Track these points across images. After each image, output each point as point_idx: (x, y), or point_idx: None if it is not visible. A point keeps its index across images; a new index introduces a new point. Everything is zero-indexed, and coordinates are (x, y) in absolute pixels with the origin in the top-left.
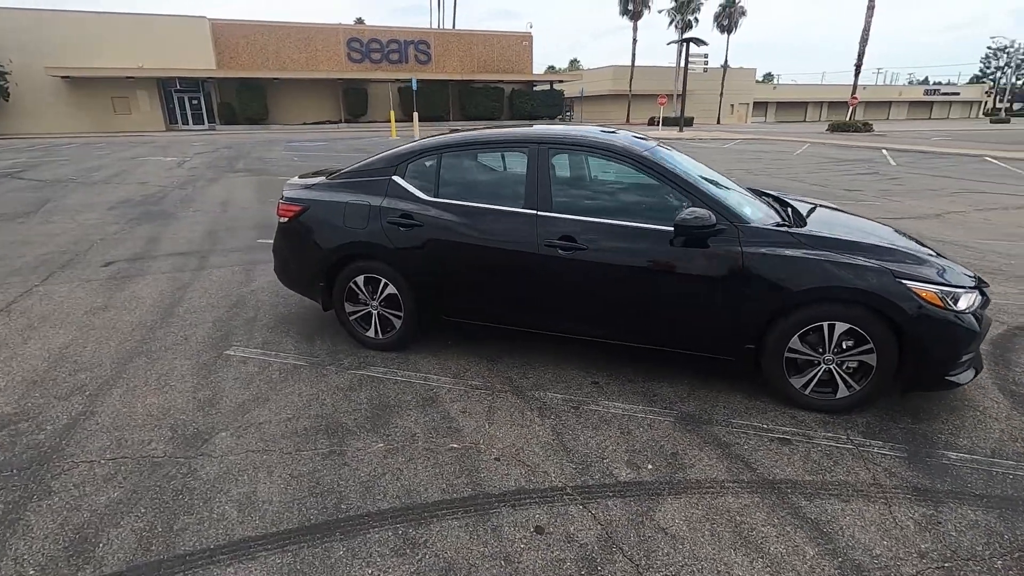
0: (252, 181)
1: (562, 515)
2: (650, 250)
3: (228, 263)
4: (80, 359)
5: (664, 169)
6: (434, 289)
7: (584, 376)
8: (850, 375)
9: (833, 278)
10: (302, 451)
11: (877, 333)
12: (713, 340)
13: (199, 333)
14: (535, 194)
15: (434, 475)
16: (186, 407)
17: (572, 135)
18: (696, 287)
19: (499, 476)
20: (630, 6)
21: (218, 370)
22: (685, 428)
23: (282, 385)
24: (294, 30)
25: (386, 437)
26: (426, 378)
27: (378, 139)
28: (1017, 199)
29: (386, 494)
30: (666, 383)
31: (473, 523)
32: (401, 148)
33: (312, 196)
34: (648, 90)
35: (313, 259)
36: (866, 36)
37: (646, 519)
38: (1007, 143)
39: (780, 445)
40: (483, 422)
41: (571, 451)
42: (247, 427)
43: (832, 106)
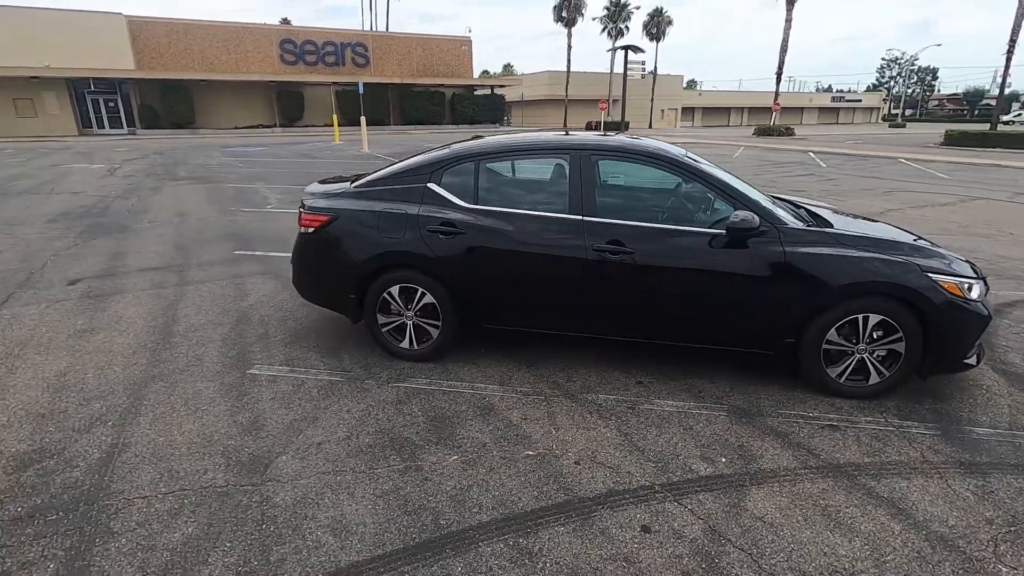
0: (201, 190)
1: (661, 513)
2: (695, 252)
3: (211, 277)
4: (86, 387)
5: (706, 174)
6: (477, 297)
7: (627, 377)
8: (880, 362)
9: (869, 273)
10: (376, 469)
11: (906, 323)
12: (755, 336)
13: (211, 353)
14: (580, 200)
15: (521, 483)
16: (230, 432)
17: (611, 142)
18: (741, 287)
19: (586, 479)
20: (564, 13)
21: (249, 391)
22: (740, 421)
23: (325, 403)
24: (222, 30)
25: (457, 449)
26: (473, 387)
27: (321, 144)
28: (943, 197)
29: (481, 506)
30: (706, 379)
31: (579, 527)
32: (434, 155)
33: (341, 205)
34: (583, 95)
35: (344, 271)
36: (785, 47)
37: (740, 510)
38: (910, 145)
39: (831, 431)
40: (548, 427)
41: (644, 450)
42: (306, 448)
43: (752, 111)
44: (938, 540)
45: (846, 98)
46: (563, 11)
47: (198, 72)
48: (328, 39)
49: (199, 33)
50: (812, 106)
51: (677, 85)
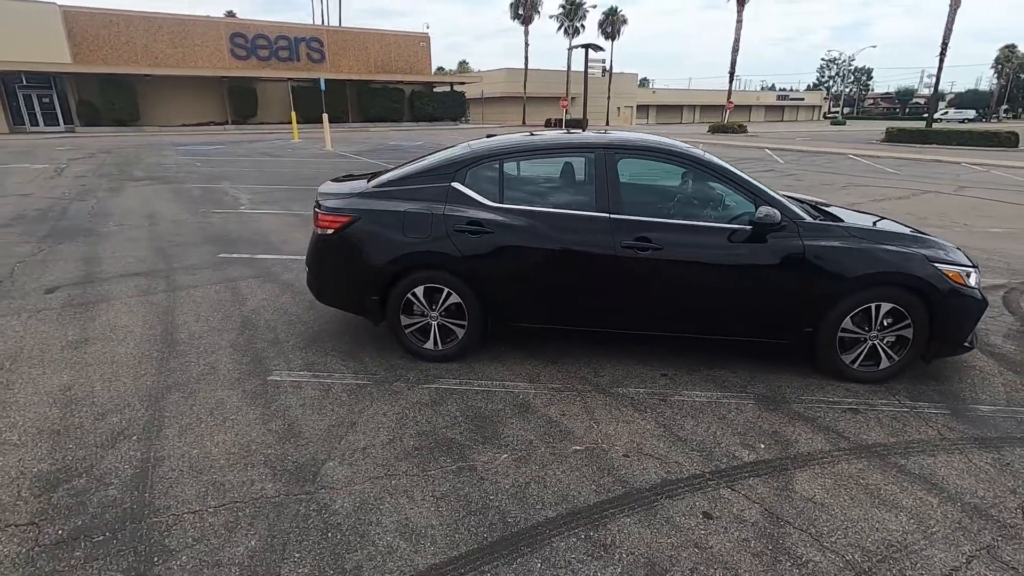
0: (165, 190)
1: (718, 500)
2: (720, 247)
3: (202, 282)
4: (97, 401)
5: (726, 171)
6: (504, 296)
7: (651, 370)
8: (890, 348)
9: (881, 264)
10: (429, 471)
11: (915, 310)
12: (776, 326)
13: (224, 361)
14: (606, 197)
15: (577, 478)
16: (267, 440)
17: (633, 140)
18: (763, 279)
19: (639, 471)
20: (520, 11)
21: (275, 398)
22: (768, 409)
23: (358, 407)
24: (167, 22)
25: (505, 447)
26: (504, 385)
27: (280, 142)
28: (896, 190)
29: (544, 502)
30: (726, 370)
31: (644, 518)
32: (456, 154)
33: (362, 205)
34: (541, 92)
35: (367, 272)
36: (736, 47)
37: (789, 493)
38: (854, 142)
39: (853, 414)
40: (588, 422)
41: (686, 440)
42: (351, 454)
43: (704, 109)
44: (973, 511)
45: (790, 97)
46: (520, 8)
47: (142, 66)
48: (281, 33)
49: (142, 25)
50: (759, 104)
51: (632, 83)
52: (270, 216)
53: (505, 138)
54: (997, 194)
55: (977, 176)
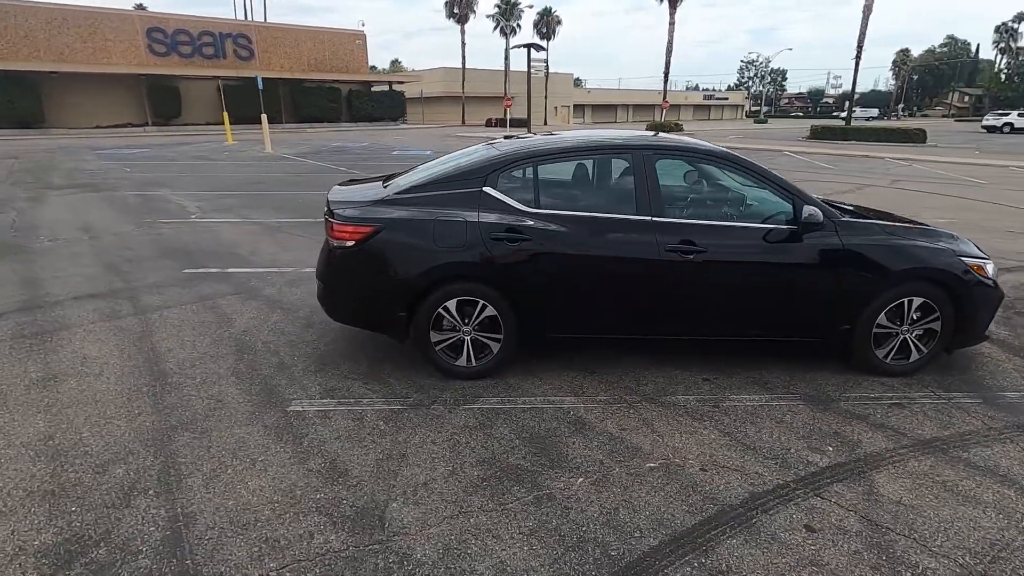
0: (96, 199)
1: (812, 510)
2: (761, 248)
3: (173, 302)
4: (91, 450)
5: (763, 171)
6: (543, 306)
7: (691, 375)
8: (919, 341)
9: (916, 260)
10: (506, 505)
11: (943, 303)
12: (814, 324)
13: (230, 392)
14: (647, 200)
15: (664, 498)
16: (312, 483)
17: (669, 141)
18: (804, 278)
19: (723, 486)
20: (456, 9)
21: (304, 432)
22: (820, 409)
23: (401, 436)
24: (73, 14)
25: (577, 470)
26: (549, 400)
27: (212, 144)
28: (839, 185)
29: (641, 529)
30: (764, 371)
31: (749, 538)
32: (484, 156)
33: (386, 214)
34: (480, 92)
35: (393, 286)
36: (670, 48)
37: (876, 496)
38: (783, 139)
39: (899, 409)
40: (651, 435)
41: (755, 448)
42: (414, 491)
43: (637, 108)
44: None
45: (715, 97)
46: (455, 7)
47: (46, 63)
48: (205, 28)
49: (43, 17)
50: (687, 104)
51: (568, 83)
52: (228, 225)
53: (535, 139)
54: (929, 186)
55: (904, 170)
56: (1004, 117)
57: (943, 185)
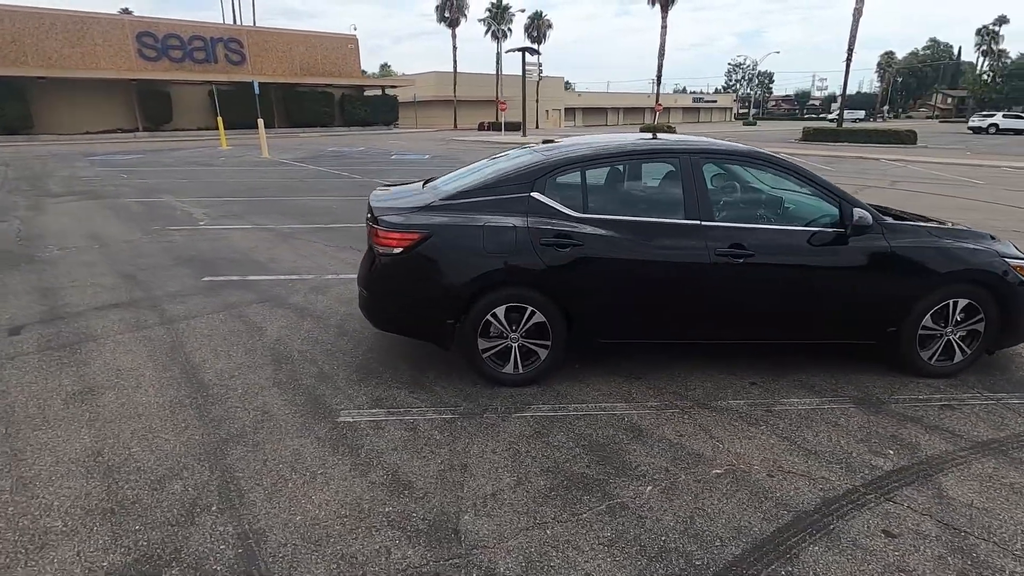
0: (98, 206)
1: (887, 515)
2: (810, 251)
3: (199, 311)
4: (143, 465)
5: (810, 174)
6: (592, 312)
7: (737, 379)
8: (962, 342)
9: (962, 261)
10: (580, 515)
11: (987, 304)
12: (862, 327)
13: (275, 403)
14: (696, 204)
15: (737, 505)
16: (377, 496)
17: (713, 145)
18: (852, 281)
19: (793, 491)
20: (447, 13)
21: (359, 443)
22: (872, 412)
23: (459, 445)
24: (61, 19)
25: (643, 478)
26: (600, 407)
27: (206, 150)
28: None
29: (721, 538)
30: (807, 374)
31: (830, 544)
32: (530, 161)
33: (434, 220)
34: (472, 96)
35: (443, 294)
36: (662, 51)
37: (947, 499)
38: (776, 141)
39: (950, 411)
40: (711, 441)
41: (817, 453)
42: (483, 502)
43: (627, 111)
44: None
45: (704, 99)
46: (446, 11)
47: (34, 68)
48: (196, 33)
49: (30, 22)
50: (677, 106)
51: (559, 87)
52: (239, 232)
53: (580, 143)
54: (927, 187)
55: (901, 171)
56: (989, 118)
57: (940, 186)
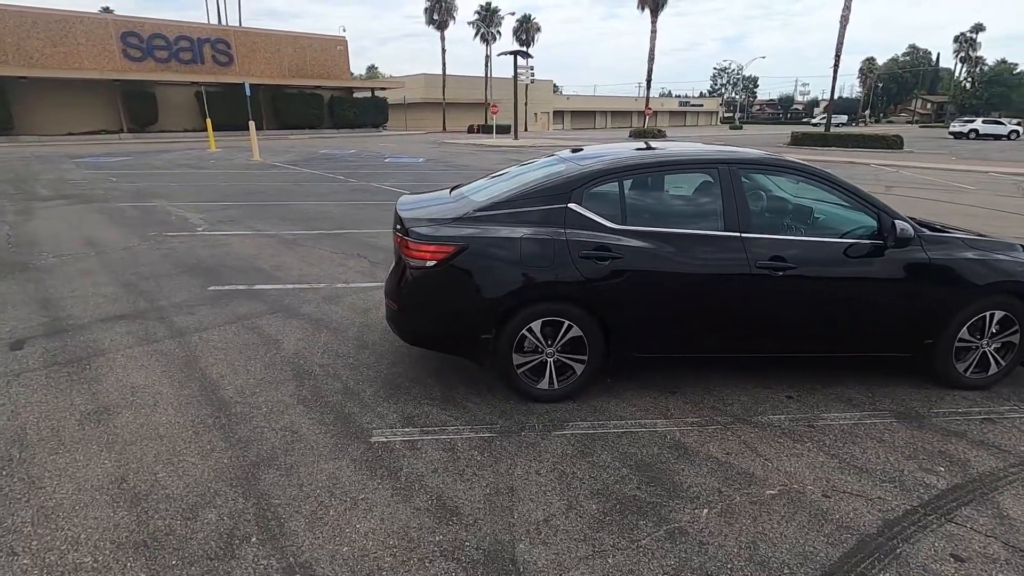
0: (89, 211)
1: (952, 537)
2: (850, 263)
3: (209, 323)
4: (172, 492)
5: (849, 185)
6: (631, 326)
7: (773, 393)
8: (997, 353)
9: (1000, 273)
10: (639, 541)
11: (1022, 315)
12: (900, 340)
13: (303, 423)
14: (736, 216)
15: (799, 529)
16: (424, 522)
17: (750, 155)
18: (892, 293)
19: (852, 512)
20: (435, 16)
21: (397, 465)
22: (914, 427)
23: (502, 467)
24: (43, 18)
25: (697, 500)
26: (640, 424)
27: (195, 152)
28: None
29: (789, 566)
30: (843, 387)
31: (901, 570)
32: (567, 172)
33: (469, 232)
34: (460, 99)
35: (478, 308)
36: (652, 56)
37: (1011, 520)
38: (764, 145)
39: (992, 425)
40: (759, 459)
41: (868, 470)
42: (536, 529)
43: (614, 115)
44: None
45: (691, 103)
46: (435, 14)
47: (15, 67)
48: (182, 33)
49: (11, 21)
50: (664, 110)
51: (548, 90)
52: (239, 238)
53: (616, 153)
54: (924, 192)
55: (893, 176)
56: (970, 124)
57: (935, 191)
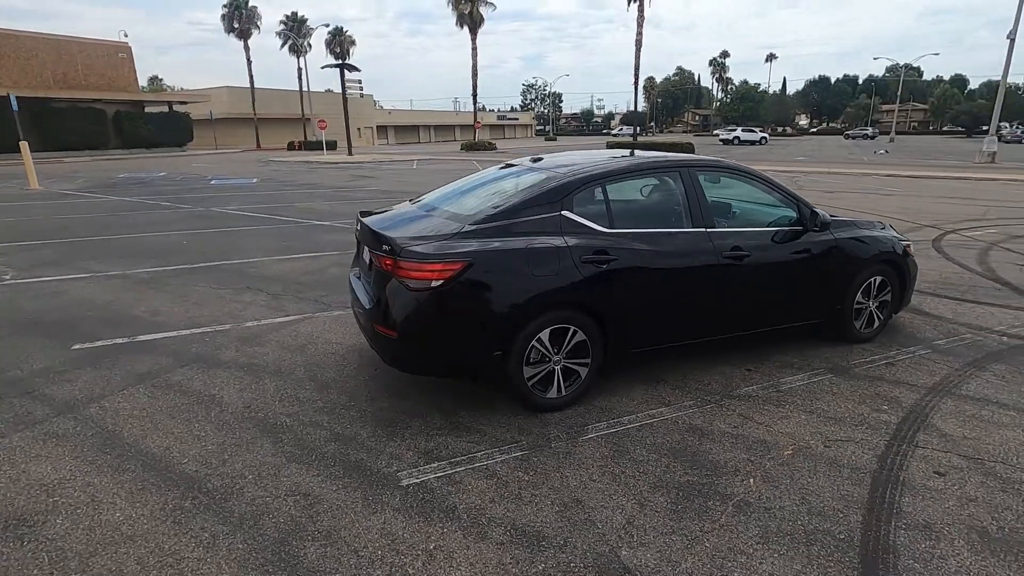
0: None
1: (925, 458)
2: (785, 247)
3: (104, 390)
4: None
5: (774, 183)
6: (627, 323)
7: (734, 368)
8: (878, 310)
9: (878, 245)
10: (718, 521)
11: (893, 278)
12: (820, 308)
13: (310, 482)
14: (699, 213)
15: (826, 478)
16: (516, 555)
17: (701, 159)
18: (815, 269)
19: (852, 455)
20: (236, 24)
21: (446, 504)
22: (848, 379)
23: (553, 482)
24: None
25: (737, 473)
26: (648, 415)
27: None
28: None
29: (838, 510)
30: (783, 355)
31: (912, 492)
32: (556, 180)
33: (473, 247)
34: (273, 113)
35: (489, 324)
36: (475, 72)
37: (950, 437)
38: None
39: (894, 367)
40: (761, 427)
41: (840, 419)
42: (627, 532)
43: (437, 129)
44: None
45: (508, 117)
46: (235, 21)
47: None
48: None
49: None
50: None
51: (369, 104)
52: (76, 283)
53: (590, 160)
54: None
55: None
56: (733, 132)
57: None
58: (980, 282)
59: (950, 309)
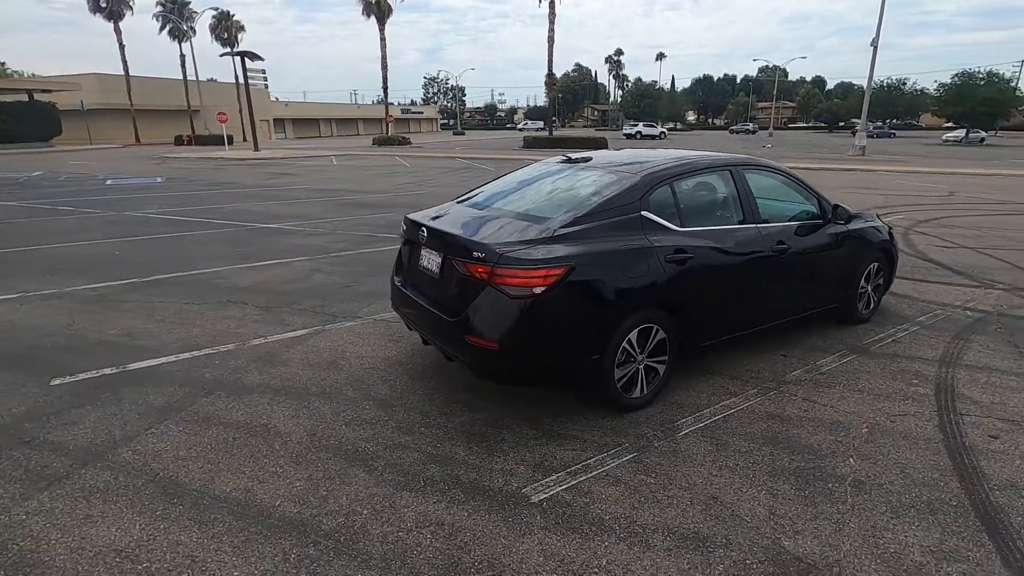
0: None
1: (977, 425)
2: (812, 238)
3: (126, 432)
4: None
5: (801, 180)
6: (699, 318)
7: (772, 354)
8: (875, 293)
9: (880, 235)
10: (845, 500)
11: (885, 263)
12: (837, 293)
13: (434, 510)
14: (750, 209)
15: (908, 450)
16: (685, 560)
17: (742, 159)
18: (837, 258)
19: (918, 428)
20: (104, 4)
21: (588, 517)
22: (871, 358)
23: (680, 481)
24: None
25: (835, 454)
26: (725, 406)
27: None
28: None
29: (935, 480)
30: (805, 339)
31: (987, 456)
32: (629, 180)
33: (572, 251)
34: (154, 104)
35: (588, 328)
36: (385, 63)
37: (981, 403)
38: (506, 148)
39: (900, 344)
40: (826, 408)
41: (888, 395)
42: (774, 521)
43: (339, 123)
44: None
45: (412, 110)
46: (102, 2)
47: None
48: None
49: None
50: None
51: (264, 96)
52: (7, 304)
53: (649, 159)
54: None
55: None
56: (635, 127)
57: None
58: (919, 263)
59: (911, 288)
